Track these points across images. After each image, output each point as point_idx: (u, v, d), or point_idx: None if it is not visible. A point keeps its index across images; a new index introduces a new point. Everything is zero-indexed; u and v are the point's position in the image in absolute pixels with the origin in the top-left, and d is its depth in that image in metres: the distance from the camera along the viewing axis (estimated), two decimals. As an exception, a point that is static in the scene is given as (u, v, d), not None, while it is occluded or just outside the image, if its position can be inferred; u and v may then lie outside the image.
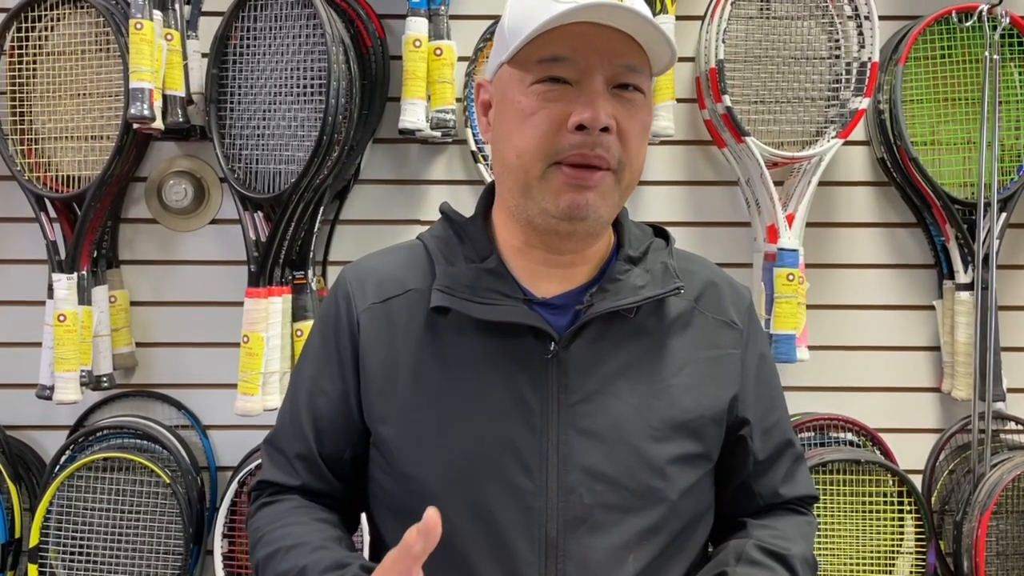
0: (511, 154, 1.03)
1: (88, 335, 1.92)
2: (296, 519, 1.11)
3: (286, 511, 1.12)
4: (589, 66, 0.99)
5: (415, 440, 1.06)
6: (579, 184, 1.00)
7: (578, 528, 1.02)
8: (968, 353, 1.97)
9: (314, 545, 1.06)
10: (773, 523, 1.14)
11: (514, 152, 1.02)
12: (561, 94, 1.00)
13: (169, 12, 1.89)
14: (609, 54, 0.99)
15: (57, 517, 1.94)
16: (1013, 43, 1.98)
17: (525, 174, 1.02)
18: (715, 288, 1.15)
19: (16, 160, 1.92)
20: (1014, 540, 1.95)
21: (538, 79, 1.00)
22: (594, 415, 1.04)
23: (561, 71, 1.00)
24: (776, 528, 1.13)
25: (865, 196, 2.10)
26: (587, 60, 0.99)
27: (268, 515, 1.13)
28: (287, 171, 1.87)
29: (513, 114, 1.02)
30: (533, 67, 1.01)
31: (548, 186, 1.01)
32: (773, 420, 1.16)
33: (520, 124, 1.01)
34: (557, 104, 0.99)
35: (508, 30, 1.04)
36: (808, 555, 1.13)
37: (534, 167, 1.01)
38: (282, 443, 1.14)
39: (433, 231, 1.16)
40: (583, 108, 0.98)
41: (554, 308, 1.07)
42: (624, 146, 1.01)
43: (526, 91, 1.01)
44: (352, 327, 1.11)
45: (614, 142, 1.00)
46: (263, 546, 1.09)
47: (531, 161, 1.01)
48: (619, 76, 1.00)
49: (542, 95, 1.00)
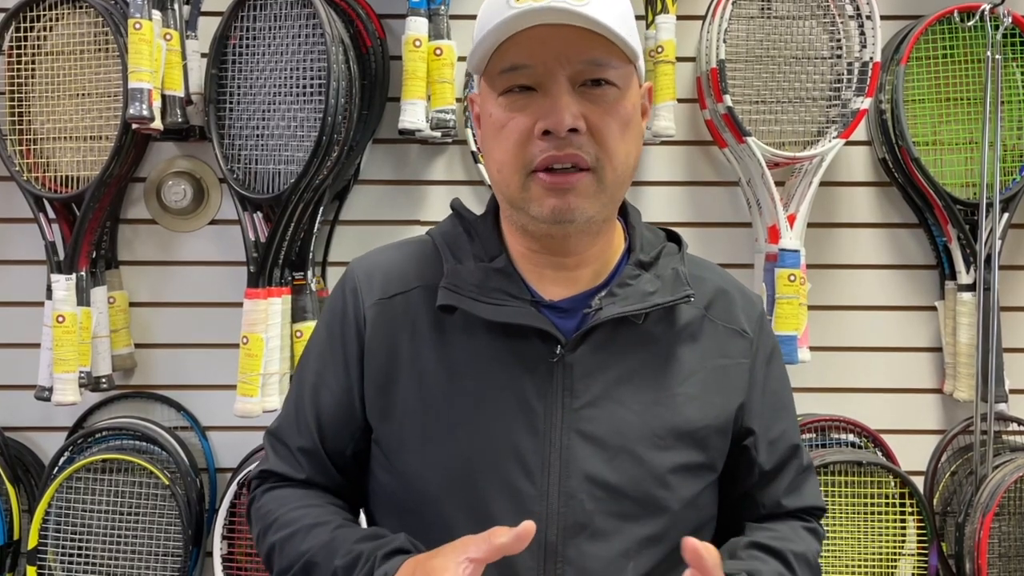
0: (494, 168, 1.04)
1: (87, 336, 1.91)
2: (311, 501, 1.10)
3: (298, 495, 1.11)
4: (548, 69, 0.98)
5: (416, 439, 1.05)
6: (557, 188, 0.99)
7: (578, 534, 1.01)
8: (970, 354, 1.96)
9: (336, 523, 1.06)
10: (772, 526, 1.14)
11: (495, 166, 1.03)
12: (527, 102, 0.99)
13: (168, 12, 1.89)
14: (567, 53, 0.98)
15: (56, 519, 1.94)
16: (1015, 43, 1.97)
17: (507, 187, 1.02)
18: (726, 296, 1.14)
19: (15, 160, 1.92)
20: (1016, 542, 1.94)
21: (504, 89, 1.00)
22: (598, 420, 1.03)
23: (522, 79, 0.99)
24: (775, 530, 1.13)
25: (867, 196, 2.09)
26: (545, 64, 0.98)
27: (278, 498, 1.12)
28: (286, 171, 1.86)
29: (489, 128, 1.03)
30: (497, 79, 1.01)
31: (530, 195, 1.01)
32: (779, 431, 1.14)
33: (495, 137, 1.02)
34: (524, 113, 0.99)
35: (474, 43, 1.03)
36: (808, 554, 1.11)
37: (513, 179, 1.01)
38: (285, 435, 1.14)
39: (442, 227, 1.15)
40: (546, 113, 0.97)
41: (561, 311, 1.06)
42: (600, 143, 0.99)
43: (496, 103, 1.01)
44: (359, 322, 1.10)
45: (587, 141, 0.98)
46: (278, 528, 1.08)
47: (510, 174, 1.01)
48: (584, 73, 0.99)
49: (509, 105, 1.00)
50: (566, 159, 0.98)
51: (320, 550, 1.03)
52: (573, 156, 0.98)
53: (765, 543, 1.09)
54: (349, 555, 1.00)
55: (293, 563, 1.05)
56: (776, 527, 1.13)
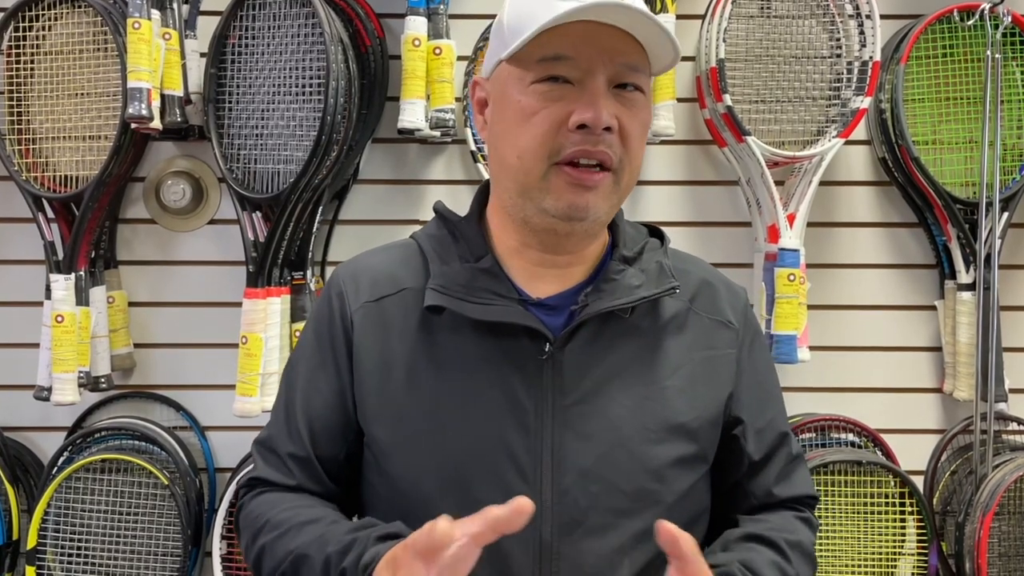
0: (511, 154, 1.02)
1: (86, 336, 1.91)
2: (302, 502, 1.09)
3: (288, 498, 1.10)
4: (591, 65, 0.98)
5: (408, 441, 1.05)
6: (580, 184, 0.99)
7: (573, 531, 1.02)
8: (970, 354, 1.96)
9: (330, 519, 1.05)
10: (764, 517, 1.14)
11: (515, 152, 1.01)
12: (562, 93, 0.99)
13: (167, 11, 1.88)
14: (611, 53, 0.99)
15: (55, 519, 1.94)
16: (1015, 42, 1.97)
17: (526, 175, 1.01)
18: (710, 288, 1.15)
19: (14, 160, 1.92)
20: (1016, 541, 1.94)
21: (539, 78, 1.00)
22: (589, 417, 1.03)
23: (563, 70, 0.99)
24: (767, 521, 1.13)
25: (866, 196, 2.09)
26: (589, 59, 0.98)
27: (267, 502, 1.10)
28: (286, 171, 1.86)
29: (513, 113, 1.02)
30: (533, 66, 1.00)
31: (548, 186, 1.00)
32: (767, 420, 1.15)
33: (520, 124, 1.01)
34: (558, 104, 0.99)
35: (508, 28, 1.03)
36: (803, 543, 1.11)
37: (536, 168, 1.00)
38: (276, 443, 1.13)
39: (427, 230, 1.15)
40: (585, 108, 0.97)
41: (549, 308, 1.07)
42: (626, 146, 1.01)
43: (526, 90, 1.00)
44: (346, 326, 1.10)
45: (616, 142, 0.99)
46: (268, 530, 1.06)
47: (532, 161, 1.00)
48: (620, 76, 1.00)
49: (543, 94, 0.99)
50: (597, 155, 0.99)
51: (312, 543, 1.01)
52: (603, 154, 0.99)
53: (758, 533, 1.09)
54: (342, 543, 0.99)
55: (282, 560, 1.02)
56: (769, 518, 1.13)
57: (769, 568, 1.05)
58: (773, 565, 1.06)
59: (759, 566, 1.04)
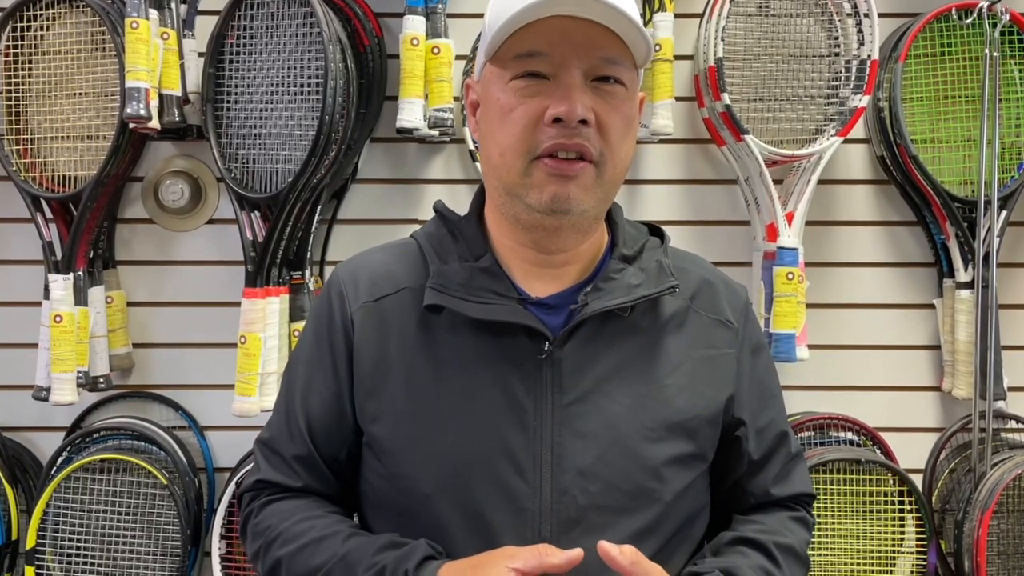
0: (495, 152, 1.03)
1: (85, 336, 1.91)
2: (314, 512, 1.09)
3: (299, 507, 1.10)
4: (565, 59, 0.99)
5: (407, 440, 1.05)
6: (560, 174, 1.00)
7: (572, 530, 1.02)
8: (968, 352, 1.96)
9: (346, 533, 1.05)
10: (758, 518, 1.14)
11: (498, 150, 1.03)
12: (538, 89, 1.00)
13: (165, 11, 1.88)
14: (585, 46, 0.99)
15: (54, 519, 1.94)
16: (1013, 40, 1.97)
17: (508, 172, 1.02)
18: (710, 287, 1.15)
19: (12, 160, 1.92)
20: (1015, 539, 1.94)
21: (516, 75, 1.01)
22: (588, 416, 1.03)
23: (537, 66, 1.00)
24: (761, 523, 1.13)
25: (865, 194, 2.09)
26: (563, 54, 0.99)
27: (278, 512, 1.10)
28: (284, 170, 1.86)
29: (495, 112, 1.03)
30: (510, 63, 1.01)
31: (531, 181, 1.01)
32: (767, 419, 1.15)
33: (501, 121, 1.02)
34: (535, 99, 1.00)
35: (488, 28, 1.04)
36: (795, 545, 1.12)
37: (516, 164, 1.01)
38: (278, 444, 1.13)
39: (426, 229, 1.16)
40: (559, 101, 0.98)
41: (548, 308, 1.07)
42: (605, 139, 1.01)
43: (505, 88, 1.02)
44: (346, 326, 1.10)
45: (593, 135, 1.00)
46: (283, 543, 1.06)
47: (513, 158, 1.01)
48: (597, 69, 1.00)
49: (520, 91, 1.00)
50: (573, 147, 0.99)
51: (336, 564, 1.02)
52: (580, 145, 0.99)
53: (749, 536, 1.09)
54: (372, 569, 0.99)
55: None
56: (763, 519, 1.13)
57: (754, 573, 1.05)
58: (759, 570, 1.06)
59: (743, 573, 1.04)
